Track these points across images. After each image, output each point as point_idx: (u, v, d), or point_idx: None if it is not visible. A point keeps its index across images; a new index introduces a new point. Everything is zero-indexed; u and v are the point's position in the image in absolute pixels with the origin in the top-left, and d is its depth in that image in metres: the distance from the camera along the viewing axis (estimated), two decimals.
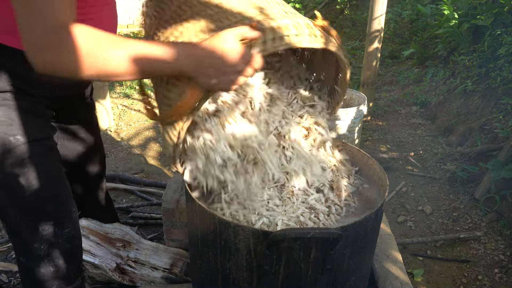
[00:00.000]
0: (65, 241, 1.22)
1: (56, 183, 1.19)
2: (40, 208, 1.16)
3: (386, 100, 4.08)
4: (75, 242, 1.27)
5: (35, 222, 1.16)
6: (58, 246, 1.21)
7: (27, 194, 1.11)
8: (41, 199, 1.14)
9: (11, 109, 1.05)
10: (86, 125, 1.50)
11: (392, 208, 2.53)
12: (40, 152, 1.12)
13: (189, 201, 1.12)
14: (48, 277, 1.23)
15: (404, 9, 5.26)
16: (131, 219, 2.23)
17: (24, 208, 1.14)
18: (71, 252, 1.26)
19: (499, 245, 2.16)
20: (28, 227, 1.16)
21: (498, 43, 3.05)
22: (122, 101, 4.10)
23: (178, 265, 1.65)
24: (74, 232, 1.25)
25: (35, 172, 1.11)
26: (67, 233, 1.22)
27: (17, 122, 1.06)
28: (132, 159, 3.06)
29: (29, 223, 1.15)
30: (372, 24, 3.26)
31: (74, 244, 1.26)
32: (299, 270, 0.99)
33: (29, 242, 1.18)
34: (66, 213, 1.22)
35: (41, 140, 1.13)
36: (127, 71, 0.81)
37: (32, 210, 1.15)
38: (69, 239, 1.23)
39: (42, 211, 1.16)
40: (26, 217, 1.15)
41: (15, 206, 1.14)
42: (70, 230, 1.23)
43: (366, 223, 1.02)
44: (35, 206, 1.15)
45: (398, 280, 1.44)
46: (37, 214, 1.16)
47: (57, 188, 1.19)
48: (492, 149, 2.64)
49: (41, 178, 1.12)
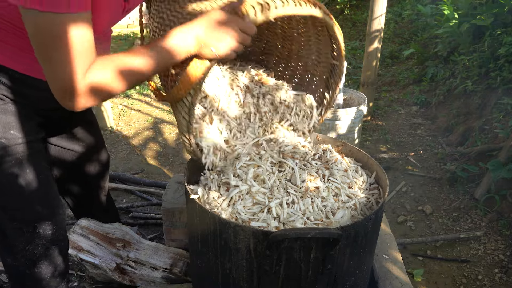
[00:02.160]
0: (50, 242, 1.23)
1: (43, 184, 1.20)
2: (26, 209, 1.17)
3: (386, 100, 4.08)
4: (60, 244, 1.28)
5: (20, 223, 1.17)
6: (43, 247, 1.22)
7: (13, 195, 1.13)
8: (27, 200, 1.16)
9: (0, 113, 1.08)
10: (85, 125, 1.50)
11: (392, 208, 2.53)
12: (27, 154, 1.14)
13: (189, 201, 1.12)
14: (36, 278, 1.24)
15: (404, 9, 5.26)
16: (131, 219, 2.23)
17: (9, 209, 1.15)
18: (56, 254, 1.27)
19: (499, 245, 2.16)
20: (13, 227, 1.17)
21: (498, 43, 3.05)
22: (122, 101, 4.10)
23: (178, 265, 1.65)
24: (59, 234, 1.26)
25: (22, 173, 1.12)
26: (52, 234, 1.23)
27: (5, 125, 1.08)
28: (132, 159, 3.06)
29: (14, 223, 1.17)
30: (372, 24, 3.26)
31: (59, 245, 1.27)
32: (299, 270, 0.99)
33: (14, 243, 1.19)
34: (51, 215, 1.23)
35: (29, 142, 1.14)
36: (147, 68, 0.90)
37: (18, 212, 1.16)
38: (53, 241, 1.24)
39: (28, 213, 1.17)
40: (11, 218, 1.16)
41: (1, 207, 1.15)
42: (55, 231, 1.24)
43: (366, 223, 1.02)
44: (21, 207, 1.16)
45: (398, 280, 1.44)
46: (22, 216, 1.17)
47: (43, 189, 1.20)
48: (492, 149, 2.64)
49: (27, 180, 1.13)
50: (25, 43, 0.94)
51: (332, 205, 1.10)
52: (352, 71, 4.67)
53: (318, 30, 1.24)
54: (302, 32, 1.31)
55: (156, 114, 3.83)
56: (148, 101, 4.14)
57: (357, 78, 4.40)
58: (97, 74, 0.87)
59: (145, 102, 4.09)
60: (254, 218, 1.03)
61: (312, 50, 1.33)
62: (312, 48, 1.33)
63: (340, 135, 2.84)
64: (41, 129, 1.23)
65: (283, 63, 1.47)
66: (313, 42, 1.30)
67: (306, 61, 1.39)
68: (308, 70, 1.40)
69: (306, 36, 1.30)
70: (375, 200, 1.19)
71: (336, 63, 1.25)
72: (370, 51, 3.36)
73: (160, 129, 3.56)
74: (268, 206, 1.06)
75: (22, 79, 1.07)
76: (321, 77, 1.36)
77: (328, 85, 1.34)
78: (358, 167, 1.31)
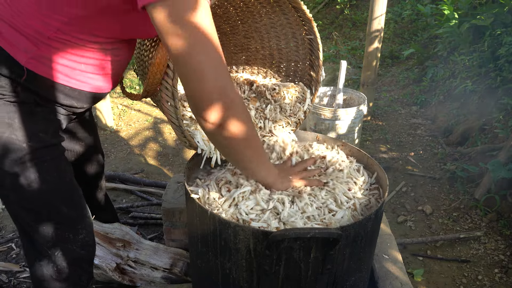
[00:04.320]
0: (79, 248, 1.20)
1: (69, 187, 1.17)
2: (54, 212, 1.13)
3: (386, 100, 4.08)
4: (89, 249, 1.24)
5: (49, 226, 1.13)
6: (72, 252, 1.18)
7: (41, 199, 1.10)
8: (55, 204, 1.12)
9: (27, 116, 1.05)
10: (84, 124, 1.50)
11: (392, 208, 2.53)
12: (53, 156, 1.11)
13: (189, 201, 1.12)
14: (62, 285, 1.21)
15: (404, 9, 5.25)
16: (131, 219, 2.23)
17: (37, 213, 1.12)
18: (85, 259, 1.23)
19: (499, 245, 2.16)
20: (42, 231, 1.13)
21: (498, 43, 3.05)
22: (122, 101, 4.10)
23: (178, 265, 1.65)
24: (89, 239, 1.22)
25: (50, 176, 1.10)
26: (81, 239, 1.19)
27: (31, 128, 1.06)
28: (132, 159, 3.06)
29: (42, 227, 1.12)
30: (372, 24, 3.26)
31: (88, 251, 1.24)
32: (299, 270, 0.99)
33: (42, 248, 1.15)
34: (80, 218, 1.19)
35: (55, 145, 1.12)
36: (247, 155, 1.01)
37: (46, 215, 1.12)
38: (83, 246, 1.20)
39: (56, 216, 1.13)
40: (38, 221, 1.12)
41: (27, 209, 1.11)
42: (85, 236, 1.20)
43: (366, 223, 1.02)
44: (49, 211, 1.12)
45: (398, 280, 1.44)
46: (50, 219, 1.13)
47: (71, 192, 1.17)
48: (492, 149, 2.64)
49: (53, 182, 1.10)
50: None
51: (332, 205, 1.10)
52: (352, 71, 4.67)
53: (283, 10, 1.22)
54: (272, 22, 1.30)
55: (156, 114, 3.83)
56: (148, 101, 4.14)
57: (357, 78, 4.40)
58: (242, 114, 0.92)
59: (145, 102, 4.09)
60: (256, 219, 1.03)
61: (288, 37, 1.32)
62: (288, 35, 1.31)
63: (340, 135, 2.84)
64: (62, 131, 1.20)
65: (268, 64, 1.47)
66: (284, 27, 1.29)
67: (287, 51, 1.38)
68: (290, 60, 1.39)
69: (278, 24, 1.29)
70: (375, 200, 1.19)
71: (310, 37, 1.22)
72: (370, 51, 3.36)
73: (160, 129, 3.56)
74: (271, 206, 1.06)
75: (50, 84, 1.05)
76: (304, 60, 1.35)
77: (311, 63, 1.33)
78: (361, 167, 1.31)
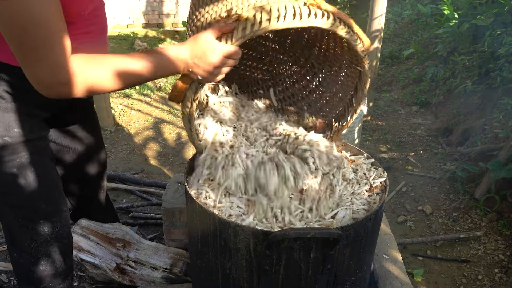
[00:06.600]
0: (54, 240, 1.25)
1: (47, 182, 1.21)
2: (31, 207, 1.18)
3: (386, 100, 4.08)
4: (64, 241, 1.29)
5: (25, 220, 1.19)
6: (47, 245, 1.24)
7: (18, 193, 1.14)
8: (32, 198, 1.17)
9: (2, 111, 1.09)
10: (86, 123, 1.50)
11: (392, 208, 2.53)
12: (31, 152, 1.14)
13: (189, 201, 1.12)
14: (39, 275, 1.26)
15: (404, 9, 5.26)
16: (131, 219, 2.23)
17: (15, 207, 1.17)
18: (61, 251, 1.28)
19: (499, 245, 2.16)
20: (18, 225, 1.19)
21: (498, 43, 3.05)
22: (122, 101, 4.09)
23: (178, 265, 1.65)
24: (63, 232, 1.27)
25: (25, 171, 1.14)
26: (56, 232, 1.24)
27: (7, 123, 1.09)
28: (132, 159, 3.06)
29: (19, 221, 1.18)
30: (372, 24, 3.26)
31: (63, 243, 1.29)
32: (299, 270, 0.99)
33: (19, 240, 1.21)
34: (56, 212, 1.24)
35: (32, 140, 1.15)
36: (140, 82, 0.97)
37: (22, 209, 1.18)
38: (57, 238, 1.26)
39: (33, 210, 1.19)
40: (16, 215, 1.18)
41: (7, 205, 1.17)
42: (59, 229, 1.25)
43: (366, 223, 1.02)
44: (26, 205, 1.18)
45: (398, 280, 1.44)
46: (27, 213, 1.19)
47: (48, 187, 1.22)
48: (492, 149, 2.64)
49: (32, 178, 1.15)
50: None
51: (332, 205, 1.10)
52: None
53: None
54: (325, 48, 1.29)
55: (156, 114, 3.83)
56: (148, 101, 4.14)
57: None
58: (95, 72, 0.90)
59: (145, 102, 4.09)
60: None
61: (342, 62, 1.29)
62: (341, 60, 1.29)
63: (340, 135, 2.84)
64: (45, 126, 1.23)
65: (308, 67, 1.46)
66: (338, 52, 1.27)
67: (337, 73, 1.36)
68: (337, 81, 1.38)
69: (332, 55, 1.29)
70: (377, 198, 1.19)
71: (359, 68, 1.18)
72: (370, 51, 3.36)
73: (160, 129, 3.56)
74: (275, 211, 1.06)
75: (21, 73, 1.07)
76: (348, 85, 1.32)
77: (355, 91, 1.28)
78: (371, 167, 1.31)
